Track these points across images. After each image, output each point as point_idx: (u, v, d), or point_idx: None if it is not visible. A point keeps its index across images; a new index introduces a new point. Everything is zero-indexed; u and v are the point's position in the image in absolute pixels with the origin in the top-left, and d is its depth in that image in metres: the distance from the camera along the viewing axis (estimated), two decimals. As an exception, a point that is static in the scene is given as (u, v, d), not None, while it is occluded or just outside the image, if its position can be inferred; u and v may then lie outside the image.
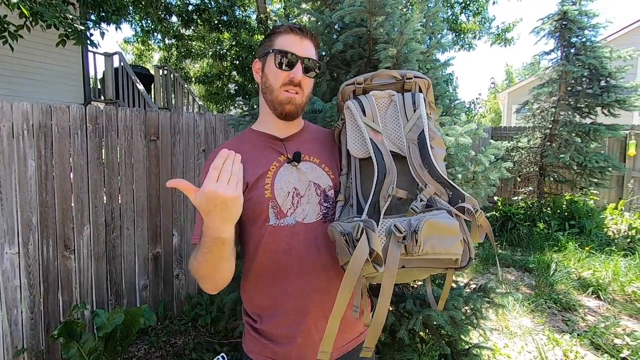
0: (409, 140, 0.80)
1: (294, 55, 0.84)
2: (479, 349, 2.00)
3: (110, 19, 4.15)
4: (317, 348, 0.82)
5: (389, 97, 0.87)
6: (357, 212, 0.76)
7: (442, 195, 0.73)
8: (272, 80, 0.87)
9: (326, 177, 0.89)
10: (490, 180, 1.85)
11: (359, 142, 0.84)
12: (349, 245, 0.64)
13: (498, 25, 9.37)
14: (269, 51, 0.87)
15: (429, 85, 0.89)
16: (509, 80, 24.45)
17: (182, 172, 2.74)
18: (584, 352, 2.35)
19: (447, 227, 0.61)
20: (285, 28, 0.87)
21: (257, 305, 0.88)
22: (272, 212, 0.84)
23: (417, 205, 0.69)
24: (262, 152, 0.89)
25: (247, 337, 0.90)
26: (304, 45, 0.86)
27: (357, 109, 0.84)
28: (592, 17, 4.97)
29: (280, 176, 0.86)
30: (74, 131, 2.24)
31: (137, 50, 11.11)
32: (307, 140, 0.94)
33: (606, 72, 4.86)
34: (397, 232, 0.60)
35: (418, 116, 0.82)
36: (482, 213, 0.68)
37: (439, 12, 1.98)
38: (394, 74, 0.88)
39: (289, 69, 0.85)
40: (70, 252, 2.25)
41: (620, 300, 3.14)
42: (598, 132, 4.96)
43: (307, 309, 0.83)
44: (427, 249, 0.60)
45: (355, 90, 0.89)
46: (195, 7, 7.38)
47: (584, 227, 4.72)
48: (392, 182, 0.74)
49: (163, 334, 2.52)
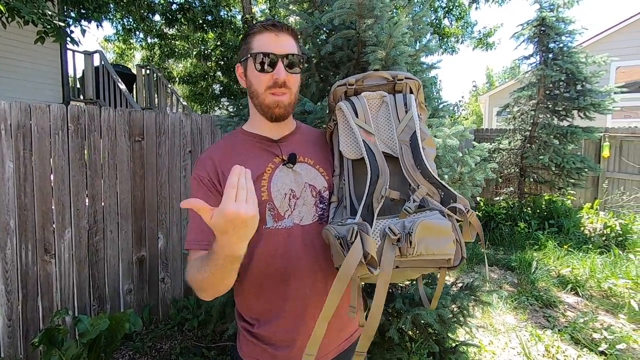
0: (401, 142, 0.80)
1: (272, 54, 0.81)
2: (466, 346, 2.04)
3: (92, 17, 4.03)
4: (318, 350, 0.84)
5: (381, 98, 0.87)
6: (350, 213, 0.77)
7: (434, 196, 0.74)
8: (256, 85, 0.85)
9: (321, 178, 0.89)
10: (476, 181, 1.89)
11: (352, 144, 0.84)
12: (343, 249, 0.64)
13: (480, 30, 9.63)
14: (248, 55, 0.84)
15: (419, 86, 0.90)
16: (489, 83, 25.07)
17: (167, 173, 2.70)
18: (564, 346, 2.44)
19: (440, 228, 0.62)
20: (259, 27, 0.83)
21: (255, 310, 0.86)
22: (270, 215, 0.83)
23: (410, 206, 0.70)
24: (257, 154, 0.88)
25: (243, 341, 0.89)
26: (281, 41, 0.82)
27: (349, 111, 0.84)
28: (569, 23, 5.17)
29: (276, 178, 0.85)
30: (54, 131, 2.17)
31: (118, 49, 10.85)
32: (301, 141, 0.94)
33: (582, 77, 5.05)
34: (392, 234, 0.60)
35: (410, 117, 0.82)
36: (473, 212, 0.70)
37: (425, 16, 2.02)
38: (385, 75, 0.88)
39: (271, 69, 0.82)
40: (51, 256, 2.18)
41: (597, 296, 3.26)
42: (575, 135, 5.16)
43: (306, 312, 0.83)
44: (421, 250, 0.60)
45: (347, 91, 0.89)
46: (179, 6, 7.26)
47: (562, 226, 4.88)
48: (385, 183, 0.75)
49: (148, 339, 2.46)
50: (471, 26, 9.26)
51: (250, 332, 0.87)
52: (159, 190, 2.66)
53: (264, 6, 9.89)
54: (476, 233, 0.72)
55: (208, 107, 9.56)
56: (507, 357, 2.36)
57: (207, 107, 9.53)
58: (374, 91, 0.88)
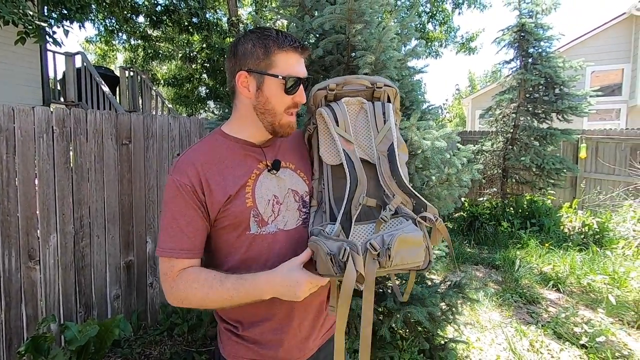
0: (379, 152, 0.84)
1: (302, 80, 0.83)
2: (455, 343, 2.10)
3: (74, 17, 3.94)
4: (302, 347, 0.89)
5: (360, 104, 0.89)
6: (330, 218, 0.82)
7: (407, 204, 0.81)
8: (275, 104, 0.83)
9: (302, 183, 0.90)
10: (463, 182, 1.95)
11: (332, 151, 0.87)
12: (334, 264, 0.69)
13: (463, 35, 9.86)
14: (275, 75, 0.81)
15: (396, 94, 0.92)
16: (471, 87, 25.65)
17: (156, 177, 2.67)
18: (548, 341, 2.52)
19: (414, 240, 0.69)
20: (289, 47, 0.81)
21: (240, 313, 0.86)
22: (254, 221, 0.83)
23: (386, 215, 0.77)
24: (242, 160, 0.86)
25: (225, 342, 0.89)
26: (302, 63, 0.85)
27: (330, 118, 0.86)
28: (547, 29, 5.37)
29: (260, 184, 0.85)
30: (39, 135, 2.12)
31: (100, 50, 10.62)
32: (282, 144, 0.94)
33: (560, 81, 5.25)
34: (373, 249, 0.67)
35: (388, 128, 0.85)
36: (441, 221, 0.77)
37: (412, 21, 2.07)
38: (365, 82, 0.90)
39: (294, 93, 0.83)
40: (35, 262, 2.12)
41: (577, 292, 3.39)
42: (554, 136, 5.35)
43: (293, 312, 0.86)
44: (398, 262, 0.68)
45: (327, 96, 0.89)
46: (164, 7, 7.17)
47: (543, 225, 5.04)
48: (363, 192, 0.80)
49: (137, 345, 2.42)
50: (454, 31, 9.48)
51: (235, 333, 0.87)
52: (147, 194, 2.63)
53: (250, 8, 9.88)
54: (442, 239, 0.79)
55: (194, 110, 9.45)
56: (494, 353, 2.42)
57: (193, 109, 9.42)
58: (353, 96, 0.89)
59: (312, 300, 0.88)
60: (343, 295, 0.66)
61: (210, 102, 9.51)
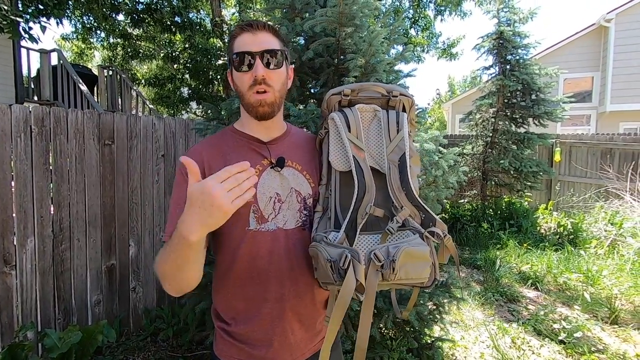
0: (390, 162, 0.82)
1: (249, 53, 0.81)
2: (441, 341, 2.14)
3: (51, 13, 3.80)
4: (292, 350, 0.87)
5: (374, 111, 0.88)
6: (334, 226, 0.79)
7: (415, 217, 0.77)
8: (239, 85, 0.85)
9: (307, 185, 0.90)
10: (449, 183, 2.00)
11: (341, 156, 0.85)
12: (333, 272, 0.66)
13: (444, 41, 10.11)
14: (229, 59, 0.86)
15: (412, 104, 0.91)
16: (451, 91, 26.31)
17: (139, 178, 2.60)
18: (529, 337, 2.61)
19: (420, 254, 0.66)
20: (237, 29, 0.85)
21: (233, 308, 0.87)
22: (253, 217, 0.83)
23: (392, 227, 0.73)
24: (246, 154, 0.87)
25: (219, 340, 0.89)
26: (258, 39, 0.83)
27: (342, 123, 0.85)
28: (524, 37, 5.58)
29: (263, 181, 0.85)
30: (16, 134, 2.03)
31: (77, 48, 10.26)
32: (290, 145, 0.94)
33: (536, 87, 5.47)
34: (376, 260, 0.63)
35: (401, 138, 0.84)
36: (450, 238, 0.74)
37: (401, 26, 2.12)
38: (381, 90, 0.89)
39: (249, 68, 0.82)
40: (11, 267, 2.03)
41: (554, 290, 3.52)
42: (531, 140, 5.56)
43: (284, 313, 0.85)
44: (402, 275, 0.64)
45: (341, 101, 0.89)
46: (145, 6, 7.01)
47: (521, 226, 5.22)
48: (371, 200, 0.77)
49: (119, 352, 2.35)
50: (436, 37, 9.72)
51: (227, 331, 0.87)
52: (131, 196, 2.56)
53: (233, 9, 9.80)
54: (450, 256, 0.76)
55: (175, 111, 9.26)
56: (478, 350, 2.49)
57: (175, 110, 9.23)
58: (367, 104, 0.89)
59: (307, 304, 0.88)
60: (339, 304, 0.62)
61: (192, 103, 9.34)
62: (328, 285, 0.72)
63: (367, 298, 0.62)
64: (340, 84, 1.92)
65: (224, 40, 8.08)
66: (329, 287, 0.75)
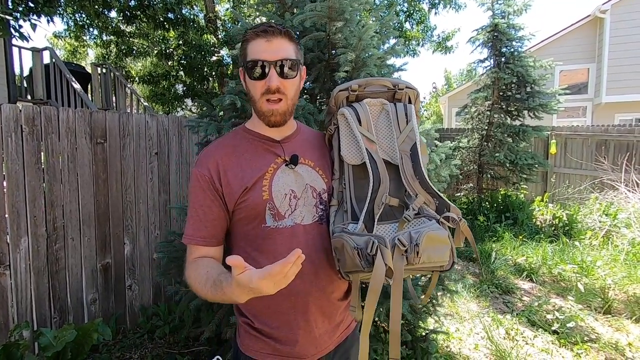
0: (402, 152, 0.84)
1: (263, 62, 0.81)
2: (435, 334, 2.16)
3: (42, 11, 3.76)
4: (317, 343, 0.88)
5: (381, 105, 0.90)
6: (351, 218, 0.81)
7: (430, 204, 0.80)
8: (252, 92, 0.86)
9: (320, 181, 0.91)
10: (442, 177, 2.01)
11: (354, 150, 0.87)
12: (361, 259, 0.69)
13: (439, 34, 10.07)
14: (243, 64, 0.86)
15: (417, 96, 0.93)
16: (448, 85, 26.26)
17: (133, 176, 2.60)
18: (522, 328, 2.64)
19: (441, 238, 0.69)
20: (251, 34, 0.83)
21: (257, 306, 0.87)
22: (269, 214, 0.85)
23: (409, 214, 0.76)
24: (260, 154, 0.89)
25: (244, 335, 0.90)
26: (274, 46, 0.82)
27: (353, 118, 0.87)
28: (519, 30, 5.57)
29: (277, 178, 0.87)
30: (6, 134, 2.02)
31: (70, 46, 10.17)
32: (302, 142, 0.95)
33: (531, 80, 5.46)
34: (401, 245, 0.66)
35: (411, 129, 0.86)
36: (465, 222, 0.76)
37: (392, 20, 2.11)
38: (387, 83, 0.91)
39: (263, 77, 0.82)
40: (5, 267, 2.03)
41: (549, 281, 3.55)
42: (526, 133, 5.57)
43: (307, 307, 0.86)
44: (425, 259, 0.67)
45: (349, 97, 0.91)
46: (138, 2, 6.94)
47: (517, 218, 5.25)
48: (386, 190, 0.80)
49: (116, 350, 2.36)
50: (431, 30, 9.67)
51: (252, 326, 0.88)
52: (124, 194, 2.56)
53: (227, 5, 9.72)
54: (465, 239, 0.78)
55: (171, 108, 9.20)
56: (473, 342, 2.51)
57: (170, 107, 9.17)
58: (374, 98, 0.91)
59: (328, 296, 0.89)
60: (372, 289, 0.64)
61: (187, 100, 9.29)
62: (353, 274, 0.75)
63: (395, 282, 0.65)
64: (331, 78, 1.92)
65: (217, 37, 8.02)
66: (353, 277, 0.77)
